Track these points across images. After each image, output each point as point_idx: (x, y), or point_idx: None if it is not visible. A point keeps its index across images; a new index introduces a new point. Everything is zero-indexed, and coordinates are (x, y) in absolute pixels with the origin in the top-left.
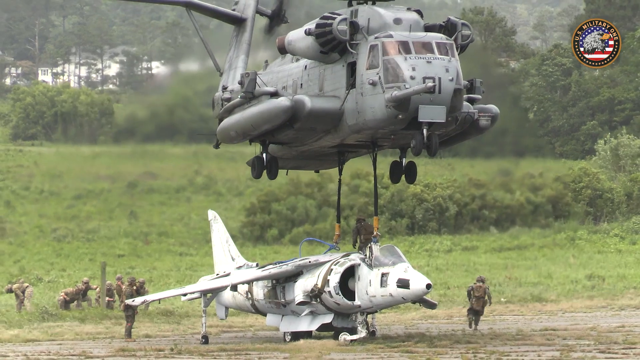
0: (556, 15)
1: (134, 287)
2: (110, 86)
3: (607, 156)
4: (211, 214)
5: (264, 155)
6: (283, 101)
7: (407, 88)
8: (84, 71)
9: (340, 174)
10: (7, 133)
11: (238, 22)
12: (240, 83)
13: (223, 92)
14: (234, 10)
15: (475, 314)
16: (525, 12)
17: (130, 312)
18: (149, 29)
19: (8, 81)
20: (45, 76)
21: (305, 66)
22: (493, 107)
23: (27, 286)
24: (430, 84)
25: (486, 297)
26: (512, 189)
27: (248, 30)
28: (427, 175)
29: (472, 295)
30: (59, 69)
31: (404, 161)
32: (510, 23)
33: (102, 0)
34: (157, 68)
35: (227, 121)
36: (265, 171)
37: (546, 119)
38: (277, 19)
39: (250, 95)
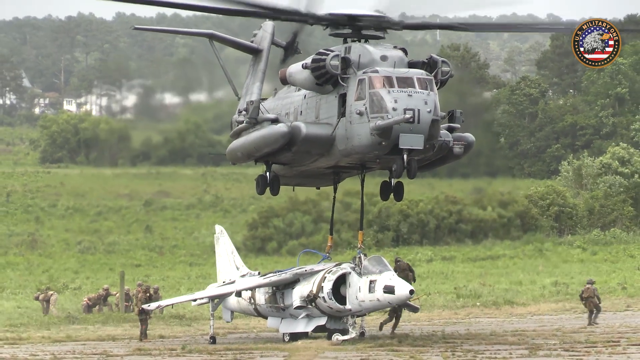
0: (524, 50)
1: (148, 294)
2: (128, 115)
3: (570, 176)
4: (218, 229)
5: (267, 174)
6: (281, 127)
7: (389, 118)
8: (104, 101)
9: (335, 192)
10: (37, 157)
11: (255, 52)
12: (246, 110)
13: (239, 115)
14: (252, 42)
15: (590, 312)
16: (497, 48)
17: (144, 316)
18: (162, 64)
19: (37, 110)
20: (70, 106)
21: (305, 95)
22: (469, 136)
23: (52, 294)
24: (407, 115)
25: (595, 297)
26: (486, 205)
27: (263, 60)
28: (410, 193)
29: (582, 297)
30: (82, 100)
31: (393, 181)
32: (483, 58)
33: (133, 30)
34: (170, 99)
35: (235, 143)
36: (268, 188)
37: (515, 142)
38: (290, 50)
39: (254, 120)
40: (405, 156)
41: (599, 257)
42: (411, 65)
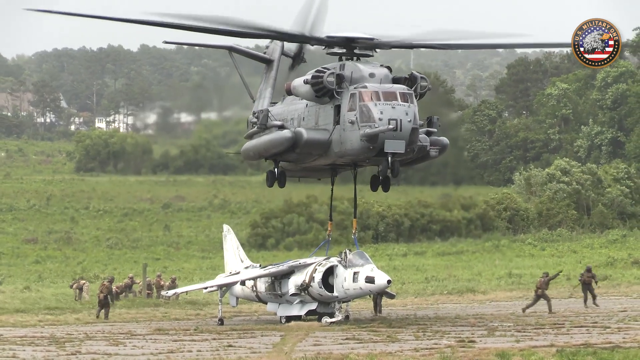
0: (484, 78)
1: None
2: (150, 131)
3: (522, 184)
4: (225, 227)
5: (275, 170)
6: (286, 133)
7: (376, 127)
8: (130, 120)
9: (332, 184)
10: (72, 166)
11: (267, 62)
12: (256, 117)
13: (253, 116)
14: (264, 53)
15: None
16: (462, 76)
17: (106, 301)
18: (179, 88)
19: (73, 127)
20: (100, 123)
21: (307, 104)
22: (444, 139)
23: (84, 283)
24: (391, 126)
25: None
26: (452, 209)
27: (275, 69)
28: (388, 198)
29: None
30: (111, 118)
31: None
32: (450, 84)
33: (165, 44)
34: (185, 118)
35: (248, 145)
36: (276, 182)
37: (476, 155)
38: (298, 59)
39: (264, 126)
40: (389, 158)
41: (547, 253)
42: (395, 80)
